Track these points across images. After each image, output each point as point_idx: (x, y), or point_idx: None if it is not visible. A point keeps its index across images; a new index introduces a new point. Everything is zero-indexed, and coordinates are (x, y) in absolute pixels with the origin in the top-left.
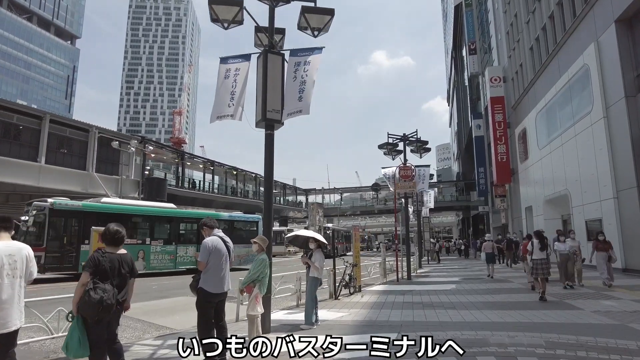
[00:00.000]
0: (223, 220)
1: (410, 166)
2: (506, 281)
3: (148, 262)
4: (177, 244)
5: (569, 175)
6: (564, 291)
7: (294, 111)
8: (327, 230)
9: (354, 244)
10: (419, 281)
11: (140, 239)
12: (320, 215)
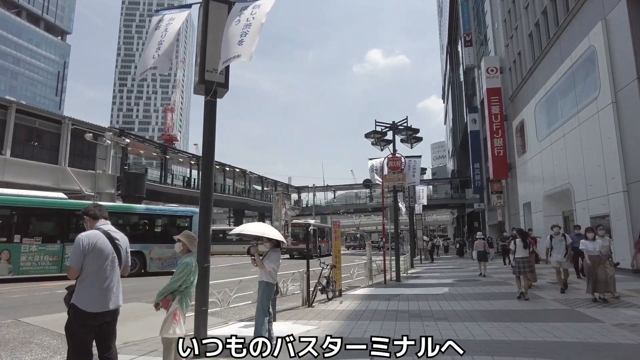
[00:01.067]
0: (138, 213)
1: (400, 156)
2: (504, 284)
3: (16, 264)
4: (65, 242)
5: (572, 168)
6: (572, 296)
7: (232, 56)
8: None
9: (334, 242)
10: (408, 283)
11: (4, 236)
12: (287, 207)
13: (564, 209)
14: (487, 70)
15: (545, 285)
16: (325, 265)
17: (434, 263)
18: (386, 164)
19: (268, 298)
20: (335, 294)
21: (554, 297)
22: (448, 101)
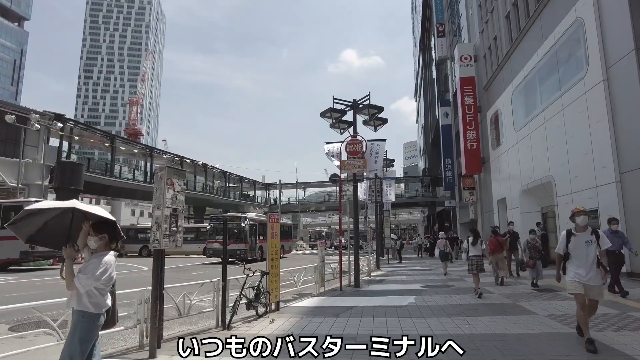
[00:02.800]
0: None
1: (360, 139)
2: (484, 292)
3: None
4: None
5: (554, 158)
6: None
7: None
8: (241, 222)
9: (270, 242)
10: (369, 290)
11: None
12: (178, 190)
13: (544, 204)
14: (461, 59)
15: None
16: (252, 272)
17: (402, 263)
18: (344, 149)
19: (84, 340)
20: (269, 309)
21: (548, 310)
22: (420, 99)
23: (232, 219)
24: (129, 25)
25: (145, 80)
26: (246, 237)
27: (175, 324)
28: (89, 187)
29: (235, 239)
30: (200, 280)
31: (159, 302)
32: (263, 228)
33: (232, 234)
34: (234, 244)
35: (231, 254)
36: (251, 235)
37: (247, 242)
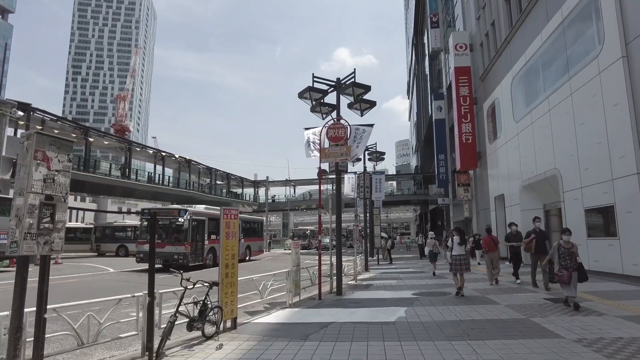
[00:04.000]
0: None
1: (343, 124)
2: (487, 302)
3: None
4: None
5: (560, 149)
6: None
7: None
8: (180, 216)
9: (224, 243)
10: (352, 299)
11: None
12: (57, 169)
13: (547, 200)
14: (456, 47)
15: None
16: (191, 284)
17: (392, 264)
18: (325, 134)
19: None
20: (222, 328)
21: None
22: (413, 95)
23: (167, 213)
24: (118, 20)
25: (134, 75)
26: (187, 237)
27: (80, 357)
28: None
29: (172, 239)
30: (126, 293)
31: (20, 335)
32: (215, 225)
33: (168, 233)
34: (171, 246)
35: (166, 259)
36: (195, 234)
37: (189, 242)
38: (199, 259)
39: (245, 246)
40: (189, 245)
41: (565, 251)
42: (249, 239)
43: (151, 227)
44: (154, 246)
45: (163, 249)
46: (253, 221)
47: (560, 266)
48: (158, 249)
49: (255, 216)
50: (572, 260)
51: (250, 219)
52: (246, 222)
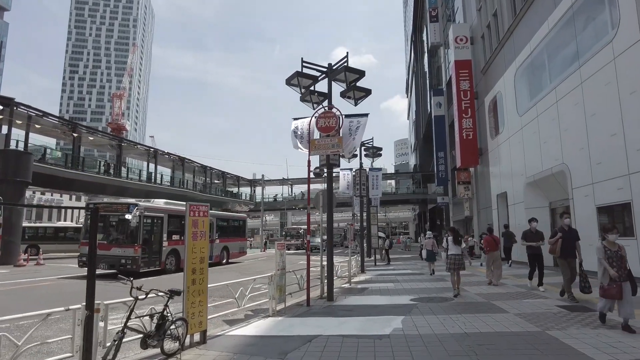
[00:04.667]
0: None
1: (334, 112)
2: (493, 310)
3: None
4: None
5: (569, 142)
6: None
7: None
8: (130, 211)
9: (189, 244)
10: (344, 305)
11: None
12: None
13: (554, 198)
14: (456, 40)
15: None
16: (144, 294)
17: (390, 265)
18: (314, 124)
19: None
20: (188, 344)
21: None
22: (412, 93)
23: (113, 208)
24: (116, 19)
25: (131, 74)
26: (137, 237)
27: None
28: (49, 180)
29: (119, 240)
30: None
31: None
32: (178, 223)
33: (114, 232)
34: (117, 248)
35: (112, 264)
36: (150, 233)
37: (139, 244)
38: (156, 263)
39: (222, 247)
40: (140, 247)
41: (613, 254)
42: (228, 239)
43: (92, 224)
44: (95, 247)
45: (108, 252)
46: (233, 219)
47: (611, 277)
48: (102, 252)
49: (237, 213)
50: (622, 267)
51: (228, 216)
52: (223, 220)
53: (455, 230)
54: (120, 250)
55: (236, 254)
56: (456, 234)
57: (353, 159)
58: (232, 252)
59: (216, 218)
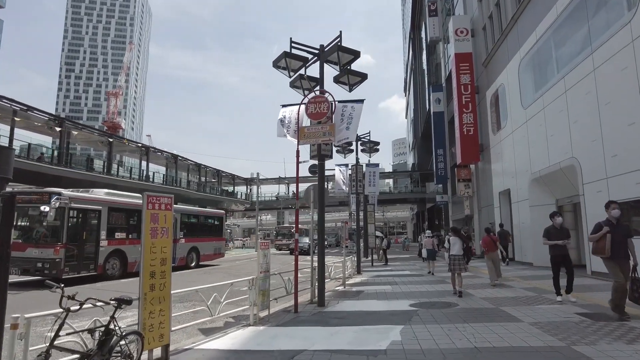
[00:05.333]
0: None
1: (326, 97)
2: (504, 318)
3: None
4: None
5: (580, 135)
6: None
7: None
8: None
9: (146, 243)
10: (335, 311)
11: None
12: None
13: (561, 195)
14: (456, 32)
15: None
16: (78, 304)
17: (388, 266)
18: (304, 111)
19: None
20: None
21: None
22: (410, 92)
23: (29, 199)
24: (112, 17)
25: (127, 72)
26: (60, 235)
27: None
28: (36, 178)
29: (35, 239)
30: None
31: None
32: (124, 218)
33: (30, 228)
34: (34, 248)
35: (26, 267)
36: (79, 230)
37: (63, 243)
38: (89, 267)
39: (189, 248)
40: (63, 247)
41: None
42: (198, 238)
43: (5, 217)
44: (8, 247)
45: (22, 253)
46: (206, 215)
47: None
48: (15, 253)
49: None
50: None
51: (199, 212)
52: (192, 216)
53: (457, 231)
54: (37, 251)
55: (210, 255)
56: (458, 234)
57: (349, 154)
58: (204, 253)
59: (181, 214)
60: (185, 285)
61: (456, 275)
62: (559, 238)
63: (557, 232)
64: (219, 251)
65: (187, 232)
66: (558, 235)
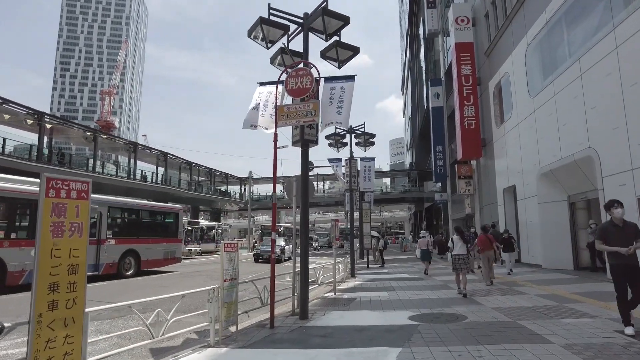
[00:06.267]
0: None
1: (308, 70)
2: (528, 337)
3: None
4: None
5: (598, 122)
6: None
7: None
8: None
9: (45, 244)
10: (319, 327)
11: None
12: None
13: (575, 190)
14: (457, 21)
15: None
16: None
17: (384, 268)
18: (284, 87)
19: None
20: None
21: None
22: (407, 90)
23: None
24: (108, 16)
25: (122, 71)
26: None
27: None
28: (12, 174)
29: None
30: None
31: None
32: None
33: None
34: None
35: None
36: None
37: None
38: None
39: (123, 252)
40: None
41: None
42: (138, 238)
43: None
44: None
45: None
46: (151, 210)
47: None
48: None
49: (165, 204)
50: None
51: (139, 205)
52: (129, 211)
53: (461, 231)
54: None
55: (157, 261)
56: (462, 234)
57: (342, 148)
58: (148, 258)
59: (109, 207)
60: (118, 297)
61: (460, 275)
62: (622, 239)
63: (617, 231)
64: (173, 255)
65: (121, 231)
66: (620, 236)
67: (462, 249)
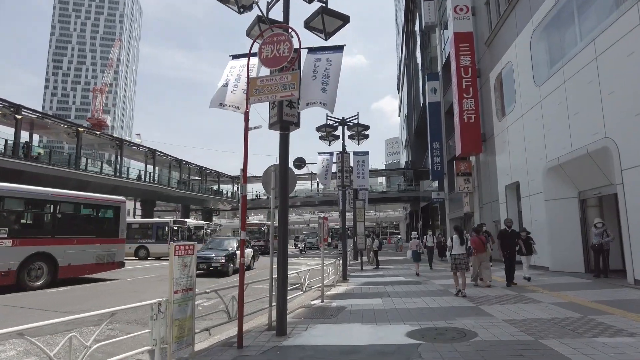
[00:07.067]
0: None
1: (286, 35)
2: (542, 354)
3: None
4: None
5: (615, 109)
6: None
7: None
8: None
9: None
10: (297, 347)
11: None
12: None
13: (587, 186)
14: (455, 10)
15: None
16: None
17: (379, 270)
18: (259, 56)
19: None
20: None
21: None
22: (403, 88)
23: None
24: (101, 13)
25: (115, 68)
26: None
27: None
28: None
29: None
30: None
31: None
32: None
33: None
34: None
35: None
36: None
37: None
38: None
39: (27, 256)
40: None
41: None
42: (55, 238)
43: None
44: None
45: None
46: (77, 202)
47: None
48: None
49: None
50: None
51: (58, 195)
52: (39, 203)
53: (460, 230)
54: None
55: (88, 267)
56: (461, 234)
57: (334, 141)
58: (71, 263)
59: (6, 197)
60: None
61: (459, 274)
62: None
63: None
64: (111, 259)
65: (23, 229)
66: None
67: (461, 249)
